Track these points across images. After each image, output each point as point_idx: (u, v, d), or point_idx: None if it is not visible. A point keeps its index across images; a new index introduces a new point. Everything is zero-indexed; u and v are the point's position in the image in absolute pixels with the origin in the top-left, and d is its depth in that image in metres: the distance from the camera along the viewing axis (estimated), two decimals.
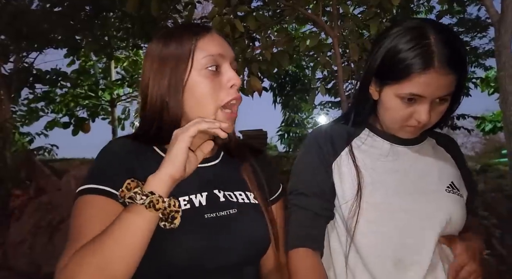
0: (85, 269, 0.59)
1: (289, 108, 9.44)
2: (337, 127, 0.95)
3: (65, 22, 5.08)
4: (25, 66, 6.04)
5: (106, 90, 8.43)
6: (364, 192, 0.83)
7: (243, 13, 2.94)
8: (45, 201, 4.15)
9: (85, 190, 0.68)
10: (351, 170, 0.86)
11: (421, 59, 0.76)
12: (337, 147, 0.90)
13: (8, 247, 4.05)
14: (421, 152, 0.90)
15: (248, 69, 3.09)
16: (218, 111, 0.74)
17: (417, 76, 0.77)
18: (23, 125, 6.80)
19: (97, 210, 0.66)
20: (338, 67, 2.73)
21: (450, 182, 0.86)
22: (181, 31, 0.77)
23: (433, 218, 0.81)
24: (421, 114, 0.79)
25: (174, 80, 0.73)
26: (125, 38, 5.89)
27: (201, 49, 0.74)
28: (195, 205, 0.72)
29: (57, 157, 7.10)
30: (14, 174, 4.63)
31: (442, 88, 0.77)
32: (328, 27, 2.79)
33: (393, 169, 0.86)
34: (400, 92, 0.80)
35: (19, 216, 4.27)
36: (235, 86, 0.74)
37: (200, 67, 0.73)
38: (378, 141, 0.91)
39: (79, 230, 0.65)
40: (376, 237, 0.82)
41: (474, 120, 7.41)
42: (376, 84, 0.86)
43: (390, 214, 0.81)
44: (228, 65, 0.76)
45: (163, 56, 0.75)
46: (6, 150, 4.86)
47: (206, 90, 0.73)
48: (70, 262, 0.60)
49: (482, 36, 6.40)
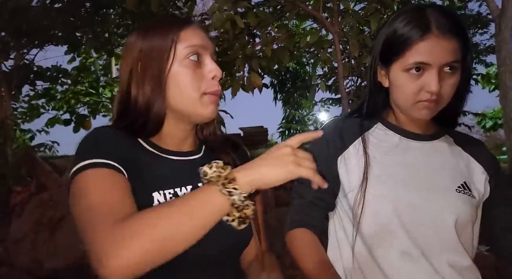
0: (144, 239, 0.54)
1: (290, 105, 9.43)
2: (349, 121, 0.95)
3: (65, 19, 5.08)
4: (25, 63, 6.03)
5: (106, 87, 8.43)
6: (370, 183, 0.83)
7: (244, 9, 2.94)
8: (46, 198, 4.16)
9: (83, 166, 0.64)
10: (359, 161, 0.86)
11: (418, 27, 0.78)
12: (346, 140, 0.90)
13: (10, 243, 4.07)
14: (436, 149, 0.89)
15: (249, 66, 3.09)
16: (202, 96, 0.74)
17: (418, 44, 0.77)
18: (24, 122, 6.81)
19: (107, 179, 0.63)
20: (338, 63, 2.73)
21: (462, 182, 0.85)
22: (162, 24, 0.77)
23: (439, 215, 0.80)
24: (430, 84, 0.78)
25: (156, 71, 0.73)
26: (125, 34, 5.89)
27: (183, 40, 0.74)
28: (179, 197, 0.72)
29: (58, 154, 7.12)
30: (15, 171, 4.64)
31: (445, 54, 0.77)
32: (329, 23, 2.78)
33: (402, 163, 0.86)
34: (405, 65, 0.80)
35: (20, 213, 4.28)
36: (216, 77, 0.75)
37: (182, 57, 0.74)
38: (389, 134, 0.90)
39: (92, 204, 0.60)
40: (381, 229, 0.82)
41: (474, 117, 7.40)
42: (383, 68, 0.87)
43: (395, 207, 0.81)
44: (209, 57, 0.77)
45: (145, 48, 0.75)
46: (7, 147, 4.87)
47: (188, 79, 0.74)
48: (119, 235, 0.54)
49: (483, 32, 6.39)
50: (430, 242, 0.80)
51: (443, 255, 0.80)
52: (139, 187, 0.68)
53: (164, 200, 0.70)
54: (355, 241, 0.85)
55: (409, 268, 0.80)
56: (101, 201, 0.60)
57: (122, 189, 0.63)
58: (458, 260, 0.81)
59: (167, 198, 0.70)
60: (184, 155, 0.80)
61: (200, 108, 0.75)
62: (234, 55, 3.03)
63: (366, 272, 0.83)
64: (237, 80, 3.10)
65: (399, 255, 0.81)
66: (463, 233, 0.83)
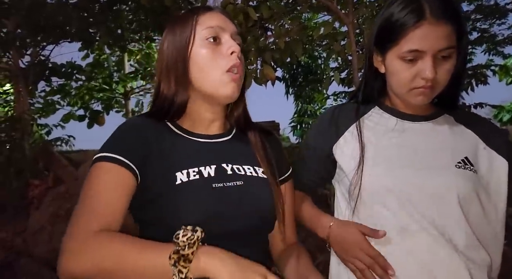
0: (96, 264, 0.62)
1: (302, 99, 9.38)
2: (345, 106, 0.98)
3: (79, 15, 5.13)
4: (41, 59, 6.13)
5: (120, 83, 8.51)
6: (366, 165, 0.84)
7: (256, 2, 2.92)
8: (62, 191, 4.25)
9: (100, 157, 0.72)
10: (355, 145, 0.88)
11: (412, 14, 0.77)
12: (342, 125, 0.93)
13: (28, 235, 4.17)
14: (434, 128, 0.89)
15: (261, 58, 3.08)
16: (223, 74, 0.78)
17: (412, 31, 0.77)
18: (40, 117, 6.93)
19: (109, 176, 0.70)
20: (353, 54, 2.69)
21: (463, 157, 0.84)
22: (184, 13, 0.83)
23: (439, 193, 0.80)
24: (425, 70, 0.78)
25: (180, 56, 0.79)
26: (138, 30, 5.93)
27: (201, 23, 0.79)
28: (204, 175, 0.76)
29: (73, 148, 7.24)
30: (32, 164, 4.74)
31: (439, 40, 0.77)
32: (343, 14, 2.75)
33: (399, 144, 0.86)
34: (400, 52, 0.80)
35: (38, 205, 4.38)
36: (235, 53, 0.78)
37: (201, 39, 0.78)
38: (386, 117, 0.91)
39: (89, 193, 0.69)
40: (379, 209, 0.83)
41: (492, 109, 7.24)
42: (378, 54, 0.87)
43: (393, 187, 0.82)
44: (228, 36, 0.80)
45: (170, 38, 0.81)
46: (25, 142, 4.97)
47: (207, 59, 0.78)
48: (83, 248, 0.63)
49: (501, 22, 6.21)
50: (430, 218, 0.80)
51: (444, 230, 0.79)
52: (162, 168, 0.74)
53: (187, 179, 0.74)
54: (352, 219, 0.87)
55: (408, 243, 0.80)
56: (94, 198, 0.68)
57: (120, 188, 0.69)
58: (461, 238, 0.79)
59: (190, 177, 0.74)
60: (211, 138, 0.83)
61: (221, 87, 0.78)
62: (247, 48, 3.03)
63: None
64: (250, 73, 3.09)
65: (398, 232, 0.80)
66: (471, 210, 0.81)
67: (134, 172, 0.72)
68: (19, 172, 4.63)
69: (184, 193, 0.73)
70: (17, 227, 4.43)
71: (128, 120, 0.81)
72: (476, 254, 0.80)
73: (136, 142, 0.75)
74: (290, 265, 0.83)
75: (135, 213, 0.77)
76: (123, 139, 0.76)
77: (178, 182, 0.73)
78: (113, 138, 0.76)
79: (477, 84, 4.62)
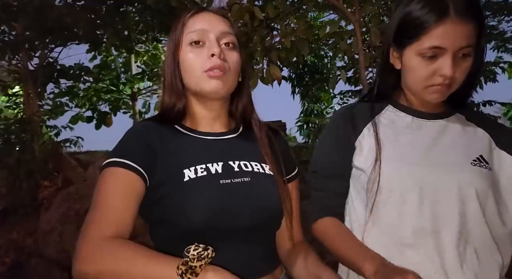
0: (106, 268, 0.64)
1: (308, 98, 9.35)
2: (359, 106, 0.96)
3: (87, 17, 5.18)
4: (49, 61, 6.19)
5: (127, 84, 8.57)
6: (383, 163, 0.83)
7: (262, 1, 2.92)
8: (72, 192, 4.29)
9: (109, 163, 0.75)
10: (372, 143, 0.87)
11: (436, 10, 0.76)
12: (358, 124, 0.91)
13: (39, 235, 4.22)
14: (447, 126, 0.89)
15: (268, 58, 3.08)
16: (202, 73, 0.81)
17: (434, 28, 0.76)
18: (49, 118, 7.00)
19: (119, 181, 0.72)
20: (359, 53, 2.68)
21: (478, 155, 0.84)
22: (177, 17, 0.86)
23: (457, 189, 0.79)
24: (444, 68, 0.77)
25: (173, 61, 0.84)
26: (145, 31, 5.96)
27: (188, 27, 0.83)
28: (211, 172, 0.78)
29: (82, 149, 7.30)
30: (42, 166, 4.80)
31: (461, 38, 0.76)
32: (349, 12, 2.74)
33: (415, 142, 0.86)
34: (420, 48, 0.79)
35: (48, 206, 4.43)
36: (214, 54, 0.80)
37: (185, 44, 0.83)
38: (401, 116, 0.91)
39: (100, 199, 0.72)
40: (398, 206, 0.82)
41: (501, 107, 7.15)
42: (396, 50, 0.86)
43: (412, 184, 0.81)
44: (213, 37, 0.82)
45: (168, 43, 0.86)
46: (35, 143, 5.03)
47: (190, 62, 0.82)
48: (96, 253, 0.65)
49: (509, 19, 6.13)
50: (448, 215, 0.79)
51: (463, 228, 0.78)
52: (170, 167, 0.77)
53: (194, 175, 0.76)
54: (368, 220, 0.84)
55: (423, 243, 0.79)
56: (104, 205, 0.70)
57: (129, 193, 0.72)
58: (478, 237, 0.79)
59: (198, 173, 0.76)
60: (217, 136, 0.86)
61: (203, 84, 0.81)
62: (253, 48, 3.03)
63: (374, 245, 0.83)
64: (256, 73, 3.09)
65: (414, 232, 0.80)
66: (487, 208, 0.81)
67: (142, 175, 0.74)
68: (29, 173, 4.69)
69: (192, 189, 0.74)
70: (28, 228, 4.49)
71: (134, 125, 0.85)
72: (491, 253, 0.80)
73: (142, 146, 0.77)
74: (299, 264, 0.83)
75: (144, 213, 0.78)
76: (130, 144, 0.79)
77: (186, 179, 0.75)
78: (121, 144, 0.79)
79: (486, 81, 4.57)
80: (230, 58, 0.82)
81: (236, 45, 0.85)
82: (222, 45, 0.82)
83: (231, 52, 0.83)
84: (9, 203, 4.71)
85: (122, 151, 0.77)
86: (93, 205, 0.71)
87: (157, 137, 0.80)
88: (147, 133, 0.80)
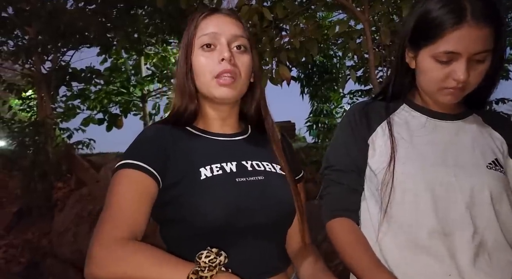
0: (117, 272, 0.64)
1: (317, 98, 9.31)
2: (374, 104, 0.95)
3: (98, 21, 5.25)
4: (62, 65, 6.29)
5: (137, 86, 8.65)
6: (398, 163, 0.83)
7: (271, 1, 2.93)
8: (85, 193, 4.36)
9: (122, 164, 0.75)
10: (386, 142, 0.86)
11: (453, 14, 0.75)
12: (372, 122, 0.91)
13: (53, 236, 4.29)
14: (464, 128, 0.88)
15: (277, 58, 3.08)
16: (212, 80, 0.81)
17: (451, 33, 0.75)
18: (62, 121, 7.10)
19: (132, 183, 0.73)
20: (369, 52, 2.67)
21: (493, 158, 0.84)
22: (190, 19, 0.86)
23: (472, 192, 0.79)
24: (457, 72, 0.77)
25: (183, 60, 0.84)
26: (154, 34, 6.02)
27: (199, 29, 0.83)
28: (226, 171, 0.79)
29: (94, 151, 7.39)
30: (56, 167, 4.88)
31: (477, 43, 0.75)
32: (358, 11, 2.73)
33: (431, 142, 0.85)
34: (435, 52, 0.78)
35: (62, 207, 4.51)
36: (225, 59, 0.81)
37: (197, 47, 0.83)
38: (416, 116, 0.90)
39: (114, 200, 0.72)
40: (412, 207, 0.81)
41: None
42: (411, 50, 0.86)
43: (427, 185, 0.80)
44: (223, 41, 0.82)
45: (181, 45, 0.86)
46: (48, 145, 5.11)
47: (201, 66, 0.82)
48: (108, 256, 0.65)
49: None
50: (463, 217, 0.78)
51: (477, 230, 0.78)
52: (184, 167, 0.78)
53: (211, 174, 0.77)
54: (382, 220, 0.83)
55: (437, 244, 0.78)
56: (117, 206, 0.70)
57: (142, 195, 0.72)
58: (491, 239, 0.78)
59: (213, 172, 0.77)
60: (228, 137, 0.87)
61: (213, 90, 0.82)
62: (262, 48, 3.04)
63: (388, 246, 0.82)
64: (265, 73, 3.10)
65: (428, 233, 0.79)
66: (501, 211, 0.80)
67: (155, 177, 0.74)
68: (43, 175, 4.77)
69: (210, 187, 0.75)
70: (43, 229, 4.57)
71: (146, 127, 0.86)
72: (505, 255, 0.79)
73: (155, 148, 0.78)
74: (306, 267, 0.84)
75: (156, 213, 0.79)
76: (142, 146, 0.79)
77: (202, 177, 0.76)
78: (133, 146, 0.80)
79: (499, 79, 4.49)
80: (240, 62, 0.83)
81: (247, 48, 0.85)
82: (233, 48, 0.83)
83: (242, 55, 0.83)
84: (24, 204, 4.80)
85: (135, 153, 0.77)
86: (106, 206, 0.72)
87: (169, 139, 0.81)
88: (159, 135, 0.81)
